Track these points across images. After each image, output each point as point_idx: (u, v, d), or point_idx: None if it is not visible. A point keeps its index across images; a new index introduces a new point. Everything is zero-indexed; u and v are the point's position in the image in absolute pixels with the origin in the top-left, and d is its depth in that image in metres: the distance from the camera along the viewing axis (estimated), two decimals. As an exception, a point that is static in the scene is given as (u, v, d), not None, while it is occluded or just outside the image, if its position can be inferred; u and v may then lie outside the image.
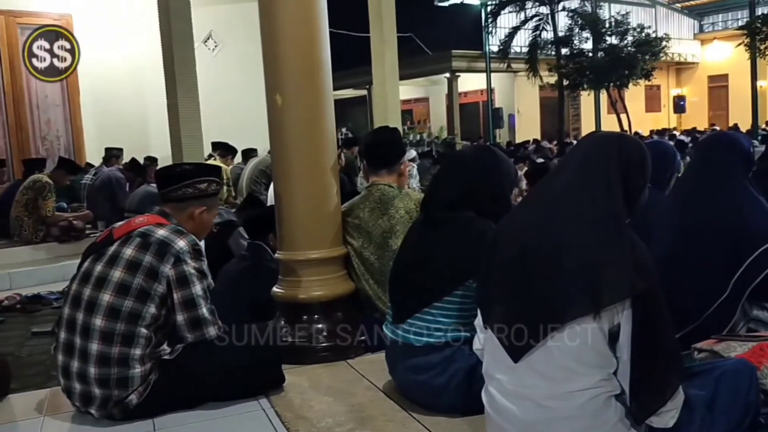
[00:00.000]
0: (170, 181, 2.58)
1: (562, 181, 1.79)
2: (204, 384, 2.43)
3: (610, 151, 1.76)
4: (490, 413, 1.82)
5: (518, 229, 1.81)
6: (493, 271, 1.83)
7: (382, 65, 7.42)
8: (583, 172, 1.76)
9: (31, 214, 6.18)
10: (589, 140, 1.90)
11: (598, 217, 1.69)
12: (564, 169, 1.84)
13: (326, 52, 3.00)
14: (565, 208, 1.73)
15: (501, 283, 1.80)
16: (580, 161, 1.80)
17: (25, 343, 3.81)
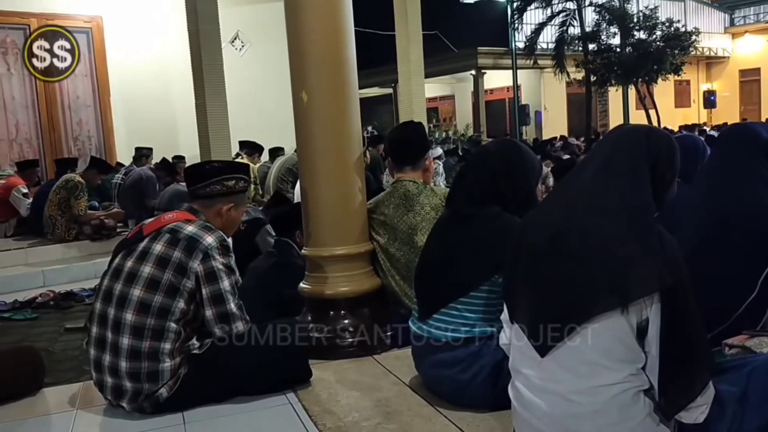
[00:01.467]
0: (199, 178, 2.62)
1: (589, 175, 1.78)
2: (232, 378, 2.46)
3: (638, 144, 1.74)
4: (516, 408, 1.81)
5: (544, 224, 1.80)
6: (519, 266, 1.82)
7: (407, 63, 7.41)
8: (610, 165, 1.74)
9: (64, 213, 6.30)
10: (617, 133, 1.88)
11: (626, 211, 1.68)
12: (591, 162, 1.82)
13: (351, 48, 3.02)
14: (592, 202, 1.72)
15: (527, 278, 1.79)
16: (607, 154, 1.78)
17: (58, 338, 3.88)
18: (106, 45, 9.04)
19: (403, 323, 2.77)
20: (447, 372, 2.25)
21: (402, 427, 2.18)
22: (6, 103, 8.41)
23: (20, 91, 8.50)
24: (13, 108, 8.48)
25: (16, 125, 8.52)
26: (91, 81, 9.07)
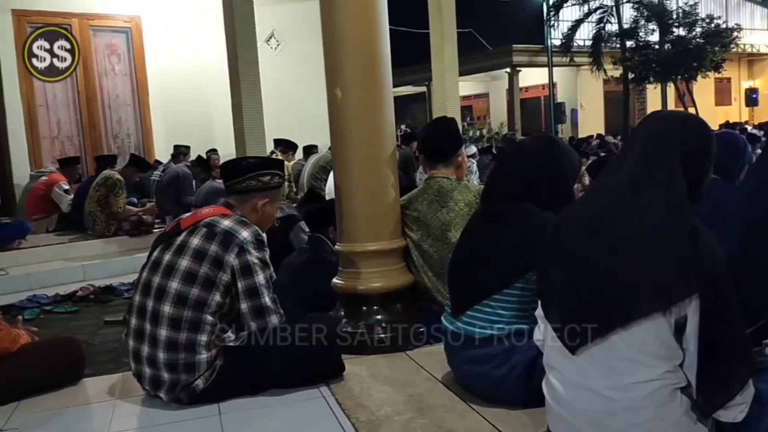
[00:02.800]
0: (235, 173, 2.66)
1: (624, 172, 1.74)
2: (267, 371, 2.49)
3: (672, 133, 1.71)
4: (551, 404, 1.80)
5: (581, 223, 1.78)
6: (554, 264, 1.81)
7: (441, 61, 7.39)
8: (644, 159, 1.71)
9: (104, 210, 6.43)
10: (651, 122, 1.83)
11: (663, 209, 1.65)
12: (627, 156, 1.79)
13: (386, 45, 3.03)
14: (628, 201, 1.69)
15: (562, 277, 1.78)
16: (641, 148, 1.74)
17: (97, 331, 3.97)
18: (145, 45, 9.20)
19: (436, 320, 2.77)
20: (480, 368, 2.24)
21: (434, 422, 2.18)
22: (48, 101, 8.61)
23: (62, 90, 8.69)
24: (55, 107, 8.68)
25: (58, 123, 8.72)
26: (130, 80, 9.23)
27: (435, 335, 2.85)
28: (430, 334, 2.93)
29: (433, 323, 2.86)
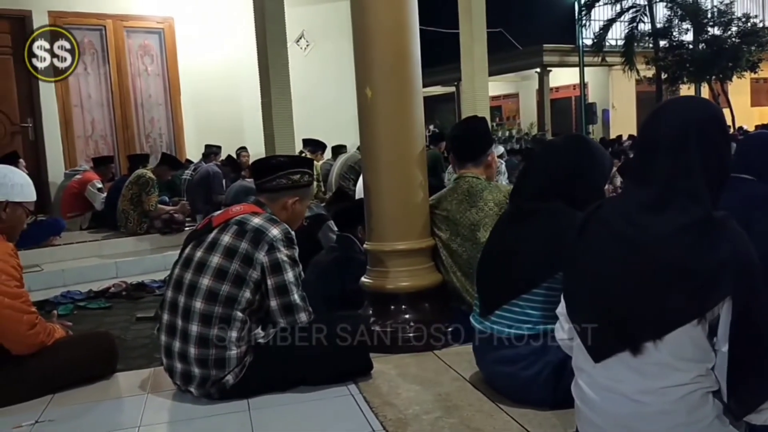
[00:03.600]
0: (265, 172, 2.69)
1: (647, 181, 1.70)
2: (295, 368, 2.50)
3: (690, 139, 1.65)
4: (580, 407, 1.78)
5: (606, 229, 1.74)
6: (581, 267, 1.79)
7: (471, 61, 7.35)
8: (664, 168, 1.66)
9: (136, 208, 6.54)
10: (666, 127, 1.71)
11: (689, 215, 1.60)
12: (646, 161, 1.73)
13: (416, 44, 3.03)
14: (654, 211, 1.65)
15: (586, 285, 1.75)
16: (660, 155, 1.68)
17: (129, 327, 4.03)
18: (177, 45, 9.32)
19: (464, 319, 2.76)
20: (509, 369, 2.23)
21: (462, 421, 2.18)
22: (83, 101, 8.76)
23: (96, 90, 8.85)
24: (90, 106, 8.83)
25: (92, 122, 8.87)
26: (162, 80, 9.36)
27: (463, 335, 2.85)
28: (458, 334, 2.93)
29: (461, 323, 2.86)
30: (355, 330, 2.58)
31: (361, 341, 2.60)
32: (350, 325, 2.62)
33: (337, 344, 2.53)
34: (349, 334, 2.56)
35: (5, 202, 2.67)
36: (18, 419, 2.43)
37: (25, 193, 2.75)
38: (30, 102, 8.34)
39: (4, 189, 2.67)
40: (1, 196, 2.67)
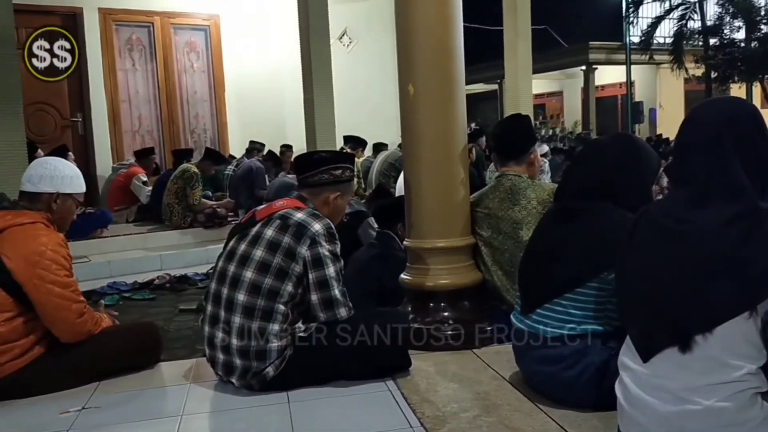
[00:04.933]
0: (307, 167, 2.71)
1: (688, 181, 1.71)
2: (334, 362, 2.52)
3: (725, 137, 1.66)
4: (623, 405, 1.75)
5: (655, 229, 1.73)
6: (631, 267, 1.77)
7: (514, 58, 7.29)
8: (704, 169, 1.67)
9: (181, 202, 6.65)
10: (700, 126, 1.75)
11: (734, 211, 1.59)
12: (685, 162, 1.74)
13: (459, 41, 3.01)
14: (700, 209, 1.65)
15: (639, 280, 1.73)
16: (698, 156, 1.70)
17: (173, 318, 4.11)
18: (222, 42, 9.45)
19: (504, 319, 2.74)
20: (550, 369, 2.20)
21: (501, 420, 2.16)
22: (131, 97, 8.96)
23: (144, 86, 9.04)
24: (137, 102, 9.03)
25: (139, 118, 9.06)
26: (207, 77, 9.51)
27: (503, 334, 2.83)
28: (497, 333, 2.90)
29: (501, 322, 2.84)
30: (394, 326, 2.58)
31: (401, 337, 2.60)
32: (390, 321, 2.63)
33: (375, 340, 2.53)
34: (389, 330, 2.56)
35: (56, 193, 2.74)
36: (65, 405, 2.50)
37: (75, 184, 2.82)
38: (80, 97, 8.57)
39: (55, 181, 2.75)
40: (51, 187, 2.74)
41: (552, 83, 25.58)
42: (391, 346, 2.57)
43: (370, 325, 2.55)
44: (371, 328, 2.54)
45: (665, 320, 1.64)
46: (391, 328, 2.59)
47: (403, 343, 2.63)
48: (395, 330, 2.60)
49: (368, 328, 2.54)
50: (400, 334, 2.61)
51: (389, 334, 2.56)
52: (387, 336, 2.55)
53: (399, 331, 2.61)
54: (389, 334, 2.56)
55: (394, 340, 2.58)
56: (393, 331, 2.58)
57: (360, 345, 2.51)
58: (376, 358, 2.56)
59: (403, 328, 2.67)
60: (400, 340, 2.59)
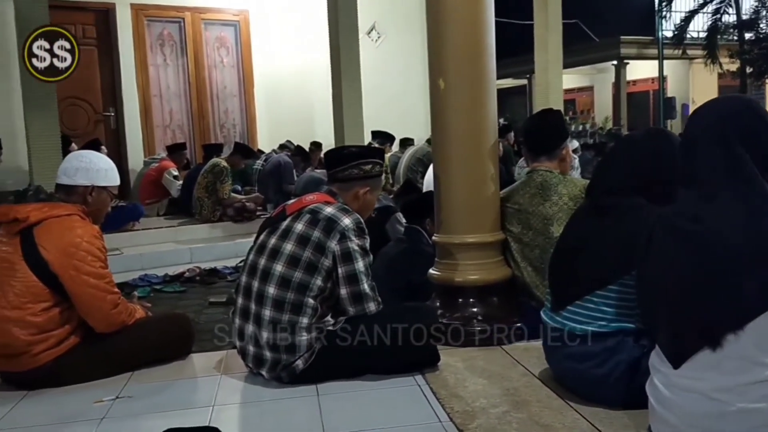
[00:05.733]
0: (337, 162, 2.72)
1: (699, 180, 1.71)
2: (363, 356, 2.53)
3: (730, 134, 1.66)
4: (654, 405, 1.74)
5: (673, 229, 1.71)
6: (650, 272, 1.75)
7: (545, 52, 7.24)
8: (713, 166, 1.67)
9: (211, 196, 6.73)
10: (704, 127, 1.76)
11: (750, 204, 1.59)
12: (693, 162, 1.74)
13: (491, 36, 2.99)
14: (713, 205, 1.64)
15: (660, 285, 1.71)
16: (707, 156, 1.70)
17: (202, 311, 4.15)
18: (252, 37, 9.51)
19: (533, 315, 2.72)
20: (580, 366, 2.19)
21: (531, 417, 2.15)
22: (162, 92, 9.07)
23: (174, 81, 9.14)
24: (168, 97, 9.13)
25: (170, 113, 9.17)
26: (237, 72, 9.58)
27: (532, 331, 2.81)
28: (526, 330, 2.89)
29: (530, 319, 2.82)
30: (423, 321, 2.59)
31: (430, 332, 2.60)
32: (418, 316, 2.63)
33: (405, 335, 2.53)
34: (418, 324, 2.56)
35: (91, 186, 2.79)
36: (99, 394, 2.55)
37: (110, 177, 2.87)
38: (112, 92, 8.69)
39: (90, 173, 2.80)
40: (87, 180, 2.79)
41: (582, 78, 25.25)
42: (419, 341, 2.57)
43: (399, 320, 2.56)
44: (400, 323, 2.55)
45: (693, 321, 1.62)
46: (420, 323, 2.59)
47: (431, 339, 2.62)
48: (424, 325, 2.60)
49: (397, 322, 2.55)
50: (429, 329, 2.61)
51: (418, 329, 2.56)
52: (415, 331, 2.55)
53: (427, 327, 2.61)
54: (418, 329, 2.56)
55: (423, 336, 2.58)
56: (421, 326, 2.58)
57: (389, 339, 2.51)
58: (404, 352, 2.56)
59: (432, 324, 2.67)
60: (429, 335, 2.59)
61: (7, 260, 2.61)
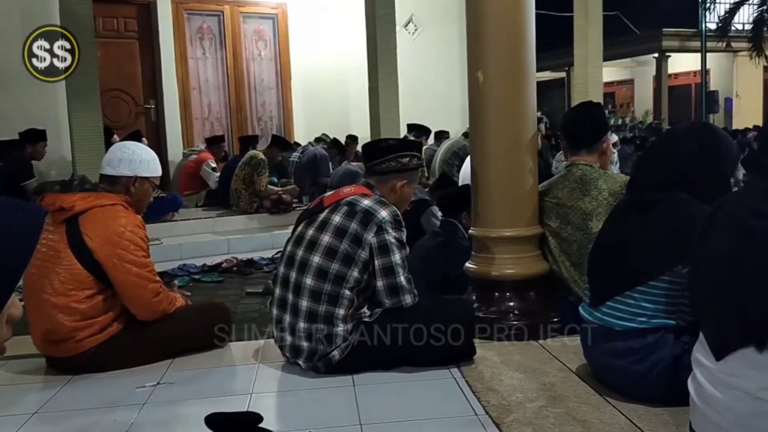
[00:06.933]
0: (375, 154, 2.73)
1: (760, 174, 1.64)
2: (399, 348, 2.53)
3: None
4: (696, 402, 1.71)
5: (730, 223, 1.67)
6: (705, 262, 1.71)
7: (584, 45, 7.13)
8: None
9: (248, 188, 6.80)
10: None
11: None
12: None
13: (531, 28, 2.96)
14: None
15: (714, 275, 1.68)
16: None
17: (240, 301, 4.20)
18: (290, 31, 9.56)
19: (570, 311, 2.70)
20: (619, 362, 2.16)
21: (568, 412, 2.14)
22: (201, 84, 9.18)
23: (213, 74, 9.24)
24: (207, 89, 9.23)
25: (208, 105, 9.27)
26: (275, 65, 9.64)
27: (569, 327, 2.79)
28: (563, 325, 2.86)
29: (568, 314, 2.80)
30: (460, 314, 2.59)
31: (466, 326, 2.60)
32: (455, 309, 2.63)
33: (441, 327, 2.53)
34: (455, 318, 2.57)
35: (134, 176, 2.85)
36: (141, 380, 2.60)
37: (152, 168, 2.92)
38: (153, 84, 8.82)
39: (133, 164, 2.85)
40: (130, 171, 2.85)
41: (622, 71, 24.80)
42: (455, 334, 2.57)
43: (435, 313, 2.56)
44: (436, 316, 2.55)
45: (740, 317, 1.58)
46: (456, 316, 2.60)
47: (467, 332, 2.62)
48: (460, 318, 2.60)
49: (433, 315, 2.55)
50: (465, 322, 2.61)
51: (454, 322, 2.56)
52: (451, 324, 2.55)
53: (464, 320, 2.62)
54: (454, 322, 2.56)
55: (459, 329, 2.57)
56: (457, 320, 2.59)
57: (424, 332, 2.52)
58: (440, 345, 2.56)
59: (468, 317, 2.68)
60: (465, 328, 2.59)
61: (53, 248, 2.68)
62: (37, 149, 6.82)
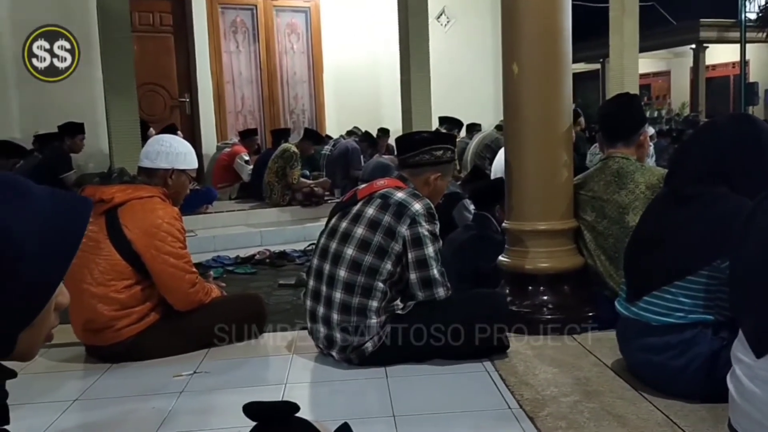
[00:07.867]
0: (409, 147, 2.72)
1: None
2: (432, 341, 2.53)
3: None
4: (735, 398, 1.68)
5: None
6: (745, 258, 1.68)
7: (620, 36, 7.02)
8: None
9: (280, 181, 6.85)
10: None
11: None
12: None
13: (567, 18, 2.92)
14: None
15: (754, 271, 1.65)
16: None
17: (272, 293, 4.25)
18: (322, 24, 9.59)
19: (606, 305, 2.67)
20: (656, 357, 2.13)
21: (603, 407, 2.12)
22: (234, 78, 9.26)
23: (246, 68, 9.32)
24: (240, 83, 9.32)
25: (242, 99, 9.36)
26: (307, 58, 9.68)
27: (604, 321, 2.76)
28: (598, 320, 2.84)
29: (603, 308, 2.77)
30: (494, 307, 2.58)
31: (500, 319, 2.59)
32: (488, 303, 2.62)
33: (474, 321, 2.53)
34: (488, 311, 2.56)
35: (171, 169, 2.89)
36: (178, 369, 2.65)
37: (188, 160, 2.97)
38: (187, 78, 8.94)
39: (170, 157, 2.89)
40: (167, 163, 2.89)
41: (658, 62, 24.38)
42: (488, 328, 2.56)
43: (469, 306, 2.56)
44: (469, 309, 2.55)
45: None
46: (489, 309, 2.60)
47: (500, 326, 2.61)
48: (493, 312, 2.60)
49: (466, 308, 2.55)
50: (499, 316, 2.60)
51: (487, 315, 2.56)
52: (485, 317, 2.55)
53: (497, 313, 2.61)
54: (487, 316, 2.56)
55: (492, 322, 2.56)
56: (491, 313, 2.58)
57: (458, 325, 2.51)
58: (473, 338, 2.55)
59: (501, 310, 2.67)
60: (498, 322, 2.58)
61: (93, 239, 2.73)
62: (75, 142, 6.97)
